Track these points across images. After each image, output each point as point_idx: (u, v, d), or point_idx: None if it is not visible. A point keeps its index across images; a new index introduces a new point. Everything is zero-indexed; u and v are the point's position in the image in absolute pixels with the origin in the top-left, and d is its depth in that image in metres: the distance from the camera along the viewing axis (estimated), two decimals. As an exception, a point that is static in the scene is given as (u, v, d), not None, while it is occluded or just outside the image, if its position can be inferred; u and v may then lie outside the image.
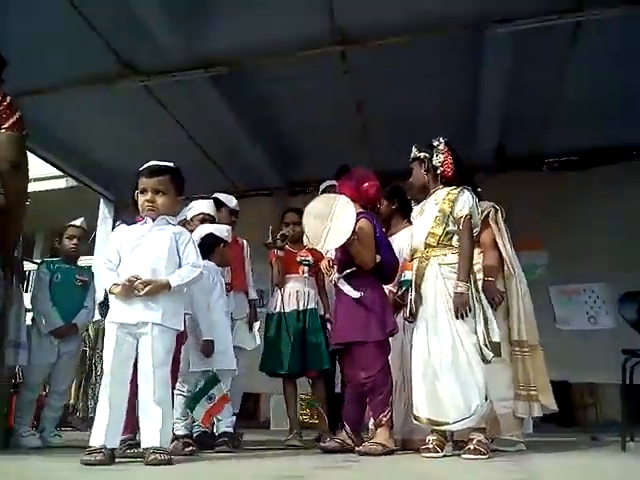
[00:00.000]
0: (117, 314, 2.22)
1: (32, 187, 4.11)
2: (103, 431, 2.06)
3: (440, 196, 2.71)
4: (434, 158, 2.76)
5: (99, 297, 3.37)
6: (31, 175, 4.63)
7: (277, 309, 3.57)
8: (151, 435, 2.10)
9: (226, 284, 3.30)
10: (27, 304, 3.22)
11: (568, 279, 5.43)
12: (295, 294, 3.56)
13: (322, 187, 4.04)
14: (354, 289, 2.77)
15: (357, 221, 2.79)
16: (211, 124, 5.19)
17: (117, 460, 2.11)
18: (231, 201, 3.93)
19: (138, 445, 2.38)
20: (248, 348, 3.65)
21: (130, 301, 2.19)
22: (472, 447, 2.36)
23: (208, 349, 2.84)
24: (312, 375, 3.51)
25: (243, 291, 3.72)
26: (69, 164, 6.09)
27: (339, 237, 2.69)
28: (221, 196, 3.85)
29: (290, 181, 6.41)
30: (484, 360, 2.41)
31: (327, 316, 3.57)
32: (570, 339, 5.40)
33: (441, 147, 2.76)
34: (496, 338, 2.46)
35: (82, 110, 5.02)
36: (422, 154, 2.81)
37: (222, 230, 3.26)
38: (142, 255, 2.27)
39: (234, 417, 3.13)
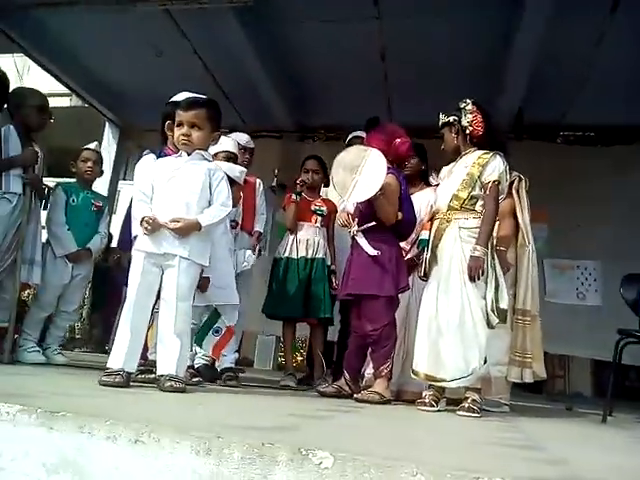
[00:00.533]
0: (145, 243, 2.23)
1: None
2: (123, 354, 2.13)
3: (470, 160, 2.69)
4: (462, 119, 2.72)
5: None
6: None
7: (285, 254, 3.61)
8: (168, 363, 2.17)
9: (233, 221, 3.34)
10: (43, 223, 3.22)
11: (564, 254, 5.54)
12: (305, 242, 3.60)
13: (350, 137, 3.99)
14: (372, 245, 2.80)
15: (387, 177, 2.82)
16: (229, 58, 5.06)
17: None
18: (242, 139, 3.88)
19: (148, 371, 2.47)
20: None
21: (159, 232, 2.20)
22: (467, 405, 2.47)
23: (204, 286, 2.89)
24: (312, 322, 3.59)
25: (248, 231, 3.74)
26: (77, 82, 5.93)
27: (367, 191, 2.70)
28: (235, 135, 3.80)
29: (301, 126, 6.33)
30: (489, 325, 2.49)
31: (332, 267, 3.63)
32: (555, 312, 5.56)
33: (469, 107, 2.72)
34: (504, 305, 2.52)
35: (98, 29, 4.85)
36: (451, 118, 2.77)
37: (234, 170, 3.25)
38: (176, 188, 2.28)
39: (237, 354, 3.22)
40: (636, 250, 4.88)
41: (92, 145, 3.60)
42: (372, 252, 2.78)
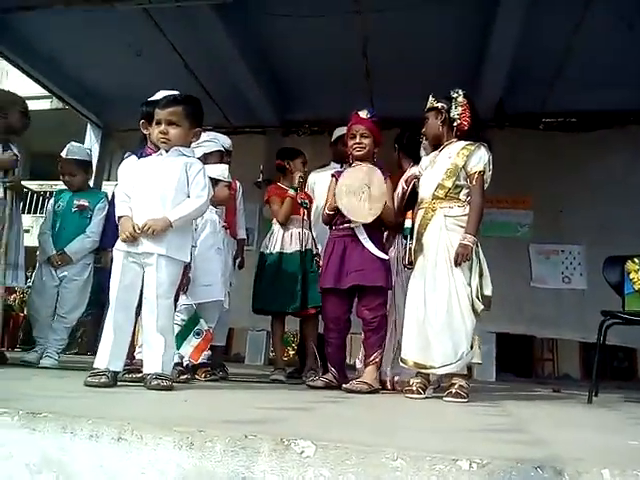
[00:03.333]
0: (124, 243, 2.23)
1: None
2: (107, 354, 2.13)
3: (454, 150, 2.71)
4: (452, 110, 2.73)
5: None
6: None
7: (276, 249, 3.61)
8: (153, 362, 2.17)
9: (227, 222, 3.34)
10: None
11: (549, 239, 5.60)
12: (297, 235, 3.60)
13: (336, 134, 4.00)
14: (373, 241, 2.89)
15: (386, 178, 2.93)
16: (210, 56, 5.05)
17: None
18: (225, 141, 3.87)
19: (136, 371, 2.47)
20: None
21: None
22: (454, 391, 2.50)
23: (182, 285, 2.88)
24: (310, 313, 3.57)
25: (231, 233, 3.73)
26: (57, 84, 5.89)
27: (376, 208, 2.85)
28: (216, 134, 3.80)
29: (284, 120, 6.33)
30: (474, 311, 2.53)
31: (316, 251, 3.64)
32: (542, 297, 5.65)
33: (460, 99, 2.73)
34: (488, 292, 2.56)
35: (77, 30, 4.84)
36: (440, 104, 2.77)
37: (216, 169, 3.24)
38: (153, 186, 2.27)
39: (209, 351, 3.21)
40: (619, 233, 4.95)
41: (64, 152, 3.50)
42: (383, 256, 2.89)
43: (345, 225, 2.98)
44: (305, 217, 3.65)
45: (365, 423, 1.72)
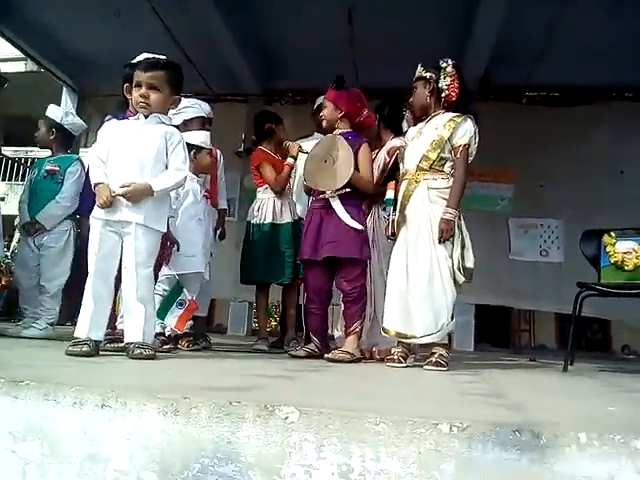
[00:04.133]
0: (101, 211, 2.20)
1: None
2: (87, 323, 2.12)
3: (441, 121, 2.69)
4: (440, 80, 2.70)
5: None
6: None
7: (267, 219, 3.54)
8: (135, 331, 2.16)
9: (207, 192, 3.29)
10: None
11: (529, 213, 5.67)
12: (287, 205, 3.57)
13: (318, 102, 3.93)
14: (349, 212, 2.87)
15: (360, 146, 2.90)
16: (192, 21, 4.92)
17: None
18: (205, 108, 3.79)
19: (118, 340, 2.46)
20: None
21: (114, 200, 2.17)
22: (434, 360, 2.55)
23: (165, 256, 2.87)
24: (298, 282, 3.57)
25: (212, 203, 3.69)
26: (32, 46, 5.69)
27: (341, 175, 2.84)
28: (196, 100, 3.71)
29: (267, 89, 6.22)
30: (455, 283, 2.56)
31: None
32: (520, 269, 5.75)
33: (449, 69, 2.69)
34: (470, 264, 2.59)
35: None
36: (429, 74, 2.73)
37: (198, 136, 3.18)
38: (130, 152, 2.22)
39: (191, 320, 3.21)
40: (598, 208, 5.03)
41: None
42: (356, 226, 2.86)
43: (321, 196, 2.97)
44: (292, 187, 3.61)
45: (347, 390, 1.75)
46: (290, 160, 3.53)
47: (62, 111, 3.54)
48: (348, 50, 5.15)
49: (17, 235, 3.32)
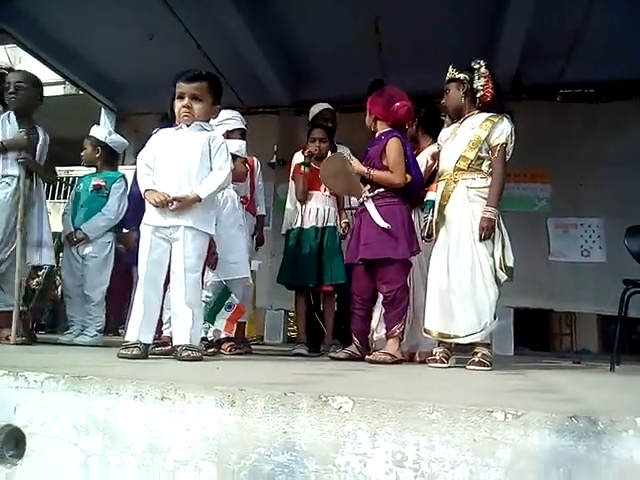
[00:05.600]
0: (151, 217, 2.28)
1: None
2: (137, 327, 2.19)
3: (477, 121, 2.69)
4: (475, 81, 2.71)
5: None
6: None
7: (297, 224, 3.65)
8: (182, 334, 2.22)
9: (244, 197, 3.36)
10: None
11: (568, 213, 5.56)
12: (315, 211, 3.62)
13: (315, 110, 4.00)
14: (382, 210, 2.87)
15: (388, 140, 2.88)
16: (222, 37, 5.04)
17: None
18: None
19: (164, 344, 2.53)
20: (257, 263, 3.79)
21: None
22: (477, 359, 2.52)
23: (210, 262, 2.93)
24: (327, 290, 3.61)
25: (250, 210, 3.76)
26: (71, 70, 5.92)
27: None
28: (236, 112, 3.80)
29: (297, 100, 6.30)
30: (497, 282, 2.55)
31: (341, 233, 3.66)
32: (561, 271, 5.63)
33: (482, 70, 2.71)
34: (510, 263, 2.58)
35: (90, 15, 4.85)
36: (462, 75, 2.75)
37: (234, 145, 3.26)
38: (176, 160, 2.31)
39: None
40: (637, 205, 4.89)
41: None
42: (383, 224, 2.83)
43: (360, 200, 3.00)
44: (328, 192, 3.63)
45: (396, 385, 1.76)
46: (303, 168, 3.64)
47: (106, 130, 3.75)
48: (376, 57, 5.18)
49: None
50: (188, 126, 2.35)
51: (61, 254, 3.51)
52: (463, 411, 1.13)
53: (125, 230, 3.55)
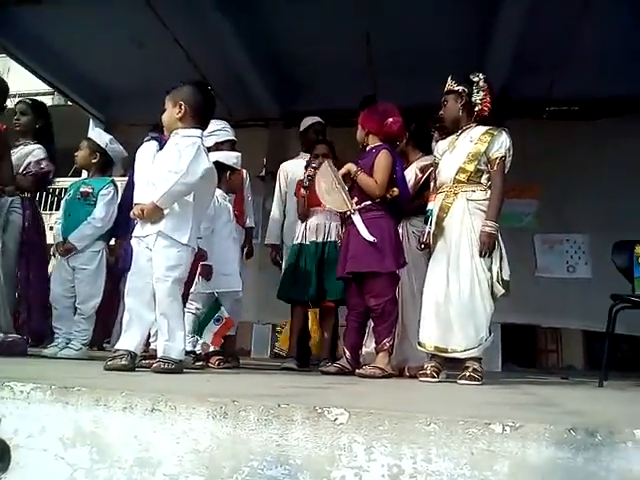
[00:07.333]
0: (136, 228, 2.34)
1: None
2: (124, 336, 2.18)
3: (475, 134, 2.70)
4: (474, 94, 2.72)
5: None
6: (16, 91, 4.44)
7: (298, 240, 3.63)
8: (159, 345, 2.22)
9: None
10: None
11: (554, 228, 5.61)
12: (316, 227, 3.60)
13: (305, 124, 4.03)
14: (369, 222, 2.87)
15: (377, 153, 2.90)
16: (212, 47, 5.05)
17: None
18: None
19: (151, 357, 2.48)
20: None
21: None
22: (468, 374, 2.51)
23: (205, 273, 2.92)
24: (328, 305, 3.58)
25: (240, 222, 3.74)
26: (59, 80, 5.88)
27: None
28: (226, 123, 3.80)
29: (286, 112, 6.32)
30: (493, 295, 2.55)
31: None
32: (547, 286, 5.66)
33: (481, 83, 2.72)
34: (506, 276, 2.58)
35: (78, 24, 4.83)
36: (460, 88, 2.76)
37: (230, 157, 3.27)
38: (155, 170, 2.37)
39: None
40: (623, 222, 4.94)
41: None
42: (369, 237, 2.82)
43: (347, 214, 3.00)
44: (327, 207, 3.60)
45: (388, 398, 1.74)
46: (302, 191, 3.65)
47: (108, 137, 3.60)
48: (367, 70, 5.22)
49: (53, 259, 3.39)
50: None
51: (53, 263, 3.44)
52: (461, 423, 1.12)
53: (115, 239, 3.49)
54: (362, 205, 2.92)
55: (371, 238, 2.82)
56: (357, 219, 2.90)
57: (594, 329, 5.16)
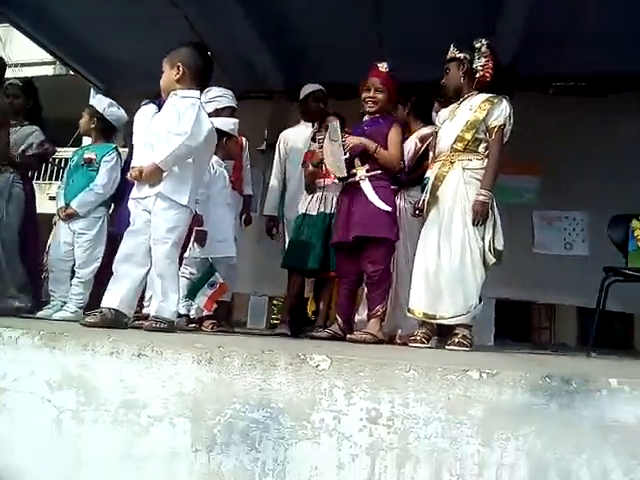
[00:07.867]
0: (133, 190, 2.32)
1: (18, 73, 3.92)
2: (108, 295, 2.19)
3: (476, 102, 2.66)
4: (475, 61, 2.67)
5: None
6: (17, 60, 4.39)
7: (302, 211, 3.55)
8: (152, 305, 2.25)
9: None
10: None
11: (553, 205, 5.58)
12: (323, 199, 3.52)
13: (305, 91, 3.97)
14: (379, 193, 2.87)
15: (392, 125, 2.92)
16: (216, 17, 4.96)
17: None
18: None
19: (142, 318, 2.51)
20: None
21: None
22: (457, 340, 2.51)
23: (200, 238, 2.94)
24: (329, 275, 3.56)
25: (238, 189, 3.73)
26: (62, 49, 5.83)
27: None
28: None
29: (291, 86, 6.24)
30: (485, 264, 2.55)
31: None
32: (544, 263, 5.66)
33: (484, 49, 2.66)
34: (500, 246, 2.58)
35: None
36: (462, 55, 2.71)
37: (228, 123, 3.25)
38: (153, 131, 2.34)
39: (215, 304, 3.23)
40: (621, 200, 4.91)
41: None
42: (385, 207, 2.83)
43: (351, 180, 2.99)
44: (336, 181, 3.55)
45: (374, 351, 1.76)
46: (310, 167, 3.54)
47: (107, 102, 3.56)
48: (374, 45, 5.14)
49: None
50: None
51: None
52: (439, 370, 1.14)
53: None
54: (372, 173, 2.90)
55: (388, 208, 2.85)
56: (367, 186, 2.89)
57: (589, 306, 5.16)
